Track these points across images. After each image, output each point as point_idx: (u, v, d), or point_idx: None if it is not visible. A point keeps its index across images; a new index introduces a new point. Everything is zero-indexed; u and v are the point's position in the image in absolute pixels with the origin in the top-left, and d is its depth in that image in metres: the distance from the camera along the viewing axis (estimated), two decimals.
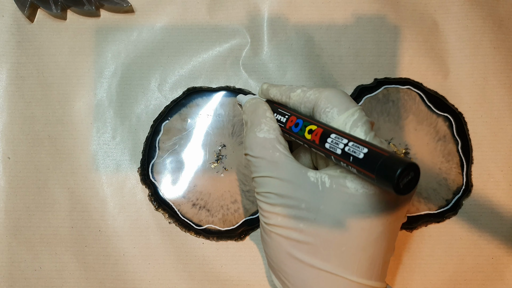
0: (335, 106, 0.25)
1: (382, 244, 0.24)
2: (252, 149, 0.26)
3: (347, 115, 0.24)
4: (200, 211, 0.35)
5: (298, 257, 0.24)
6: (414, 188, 0.19)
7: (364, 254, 0.24)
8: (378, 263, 0.24)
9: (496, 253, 0.35)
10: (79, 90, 0.36)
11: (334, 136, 0.23)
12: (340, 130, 0.23)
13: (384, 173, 0.19)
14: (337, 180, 0.23)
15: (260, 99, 0.30)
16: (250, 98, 0.31)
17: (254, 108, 0.28)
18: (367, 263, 0.24)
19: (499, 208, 0.35)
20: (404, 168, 0.18)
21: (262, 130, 0.26)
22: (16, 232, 0.36)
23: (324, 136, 0.23)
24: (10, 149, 0.36)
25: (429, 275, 0.35)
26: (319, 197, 0.24)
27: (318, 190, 0.24)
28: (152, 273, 0.35)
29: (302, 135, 0.25)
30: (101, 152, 0.36)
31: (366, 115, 0.25)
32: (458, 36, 0.36)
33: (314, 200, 0.24)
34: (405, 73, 0.36)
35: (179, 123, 0.36)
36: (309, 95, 0.26)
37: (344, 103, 0.25)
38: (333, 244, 0.24)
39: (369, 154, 0.20)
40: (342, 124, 0.24)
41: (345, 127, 0.24)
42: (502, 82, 0.36)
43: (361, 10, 0.36)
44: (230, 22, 0.37)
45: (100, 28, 0.37)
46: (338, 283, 0.24)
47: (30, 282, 0.35)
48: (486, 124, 0.36)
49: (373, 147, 0.20)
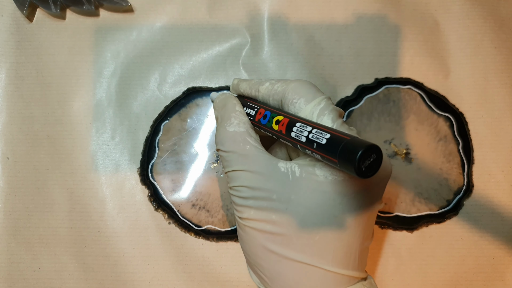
0: (301, 97, 0.25)
1: (357, 231, 0.24)
2: (223, 144, 0.26)
3: (313, 104, 0.24)
4: (200, 211, 0.35)
5: (272, 250, 0.24)
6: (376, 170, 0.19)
7: (338, 242, 0.23)
8: (355, 252, 0.24)
9: (497, 254, 0.35)
10: (78, 90, 0.36)
11: (299, 124, 0.23)
12: (305, 119, 0.23)
13: (346, 156, 0.19)
14: (307, 169, 0.24)
15: (230, 94, 0.30)
16: (220, 93, 0.31)
17: (224, 103, 0.28)
18: (342, 252, 0.24)
19: (500, 208, 0.35)
20: (364, 150, 0.18)
21: (232, 124, 0.26)
22: (15, 232, 0.36)
23: (290, 126, 0.23)
24: (9, 149, 0.36)
25: (430, 276, 0.35)
26: (290, 187, 0.23)
27: (289, 180, 0.24)
28: (151, 274, 0.35)
29: (270, 126, 0.25)
30: (100, 152, 0.36)
31: (333, 104, 0.25)
32: (459, 36, 0.36)
33: (285, 190, 0.24)
34: (406, 73, 0.36)
35: (178, 123, 0.36)
36: (277, 87, 0.26)
37: (310, 93, 0.25)
38: (306, 234, 0.23)
39: (331, 139, 0.20)
40: (309, 113, 0.24)
41: (312, 116, 0.24)
42: (503, 82, 0.36)
43: (361, 9, 0.36)
44: (230, 22, 0.36)
45: (99, 27, 0.37)
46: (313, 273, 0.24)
47: (29, 283, 0.35)
48: (487, 124, 0.36)
49: (335, 132, 0.20)
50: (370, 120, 0.36)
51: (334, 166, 0.20)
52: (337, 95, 0.36)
